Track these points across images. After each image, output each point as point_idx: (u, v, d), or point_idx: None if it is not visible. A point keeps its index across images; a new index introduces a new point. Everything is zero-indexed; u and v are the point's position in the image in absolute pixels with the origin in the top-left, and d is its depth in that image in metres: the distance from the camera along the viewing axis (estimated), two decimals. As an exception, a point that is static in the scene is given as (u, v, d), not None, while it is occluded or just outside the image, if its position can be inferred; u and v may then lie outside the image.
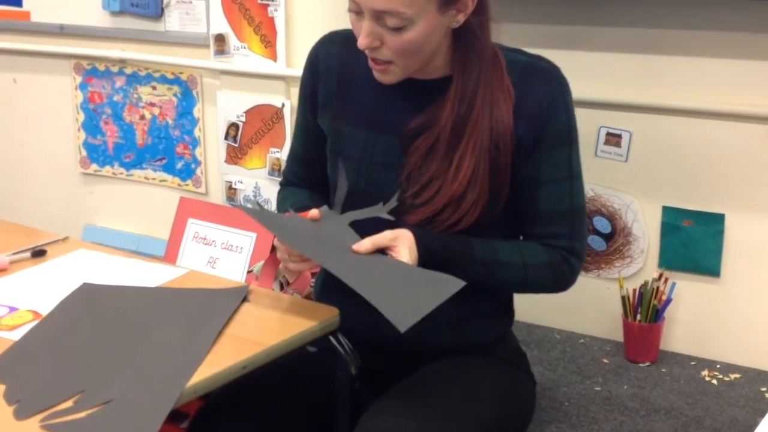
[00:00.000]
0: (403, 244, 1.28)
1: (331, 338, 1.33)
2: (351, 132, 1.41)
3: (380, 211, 1.34)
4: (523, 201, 1.38)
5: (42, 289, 1.39)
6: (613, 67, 1.87)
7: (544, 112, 1.34)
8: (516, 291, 1.48)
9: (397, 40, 1.27)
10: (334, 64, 1.44)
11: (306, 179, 1.55)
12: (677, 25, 1.79)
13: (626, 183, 1.91)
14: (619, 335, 1.91)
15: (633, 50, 1.85)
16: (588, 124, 1.88)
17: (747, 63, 1.75)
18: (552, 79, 1.37)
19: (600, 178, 1.93)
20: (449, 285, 1.22)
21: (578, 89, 1.43)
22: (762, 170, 1.77)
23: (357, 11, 1.28)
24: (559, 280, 1.39)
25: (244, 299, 1.34)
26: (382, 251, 1.28)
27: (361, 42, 1.29)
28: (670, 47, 1.81)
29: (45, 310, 1.31)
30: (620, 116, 1.89)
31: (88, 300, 1.34)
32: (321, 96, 1.45)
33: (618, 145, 1.91)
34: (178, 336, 1.21)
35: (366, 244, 1.27)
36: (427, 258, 1.29)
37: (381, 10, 1.24)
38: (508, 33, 1.41)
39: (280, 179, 1.69)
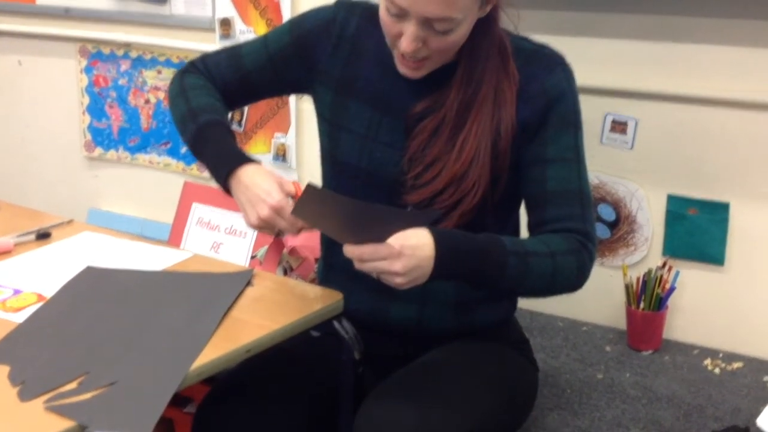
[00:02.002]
0: (398, 259, 1.18)
1: (335, 323, 1.33)
2: (356, 107, 1.40)
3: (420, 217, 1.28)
4: (531, 184, 1.36)
5: (46, 272, 1.39)
6: (619, 54, 1.87)
7: (549, 96, 1.34)
8: (544, 289, 1.32)
9: (442, 41, 1.26)
10: (349, 35, 1.42)
11: (227, 87, 1.47)
12: (683, 12, 1.78)
13: (631, 171, 1.91)
14: (622, 323, 1.91)
15: (639, 37, 1.84)
16: (594, 112, 1.88)
17: (753, 50, 1.74)
18: (557, 66, 1.37)
19: (605, 165, 1.92)
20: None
21: (584, 76, 1.43)
22: (767, 159, 1.76)
23: (398, 15, 1.25)
24: (580, 268, 1.32)
25: (248, 283, 1.34)
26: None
27: (407, 47, 1.26)
28: (676, 34, 1.80)
29: (49, 292, 1.32)
30: (626, 103, 1.88)
31: (92, 283, 1.35)
32: (323, 59, 1.43)
33: (624, 132, 1.90)
34: (182, 319, 1.22)
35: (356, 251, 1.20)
36: (452, 256, 1.22)
37: (435, 17, 1.23)
38: (516, 18, 1.40)
39: (194, 68, 1.50)
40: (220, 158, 1.34)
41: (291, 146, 2.34)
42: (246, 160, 1.33)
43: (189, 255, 1.47)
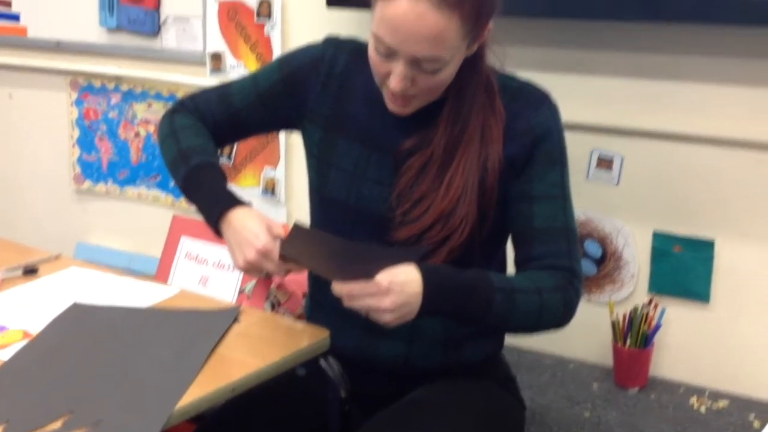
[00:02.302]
0: (387, 295, 1.19)
1: (321, 361, 1.33)
2: (345, 144, 1.41)
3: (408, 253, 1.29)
4: (517, 221, 1.37)
5: (33, 308, 1.39)
6: (606, 91, 1.89)
7: (536, 133, 1.35)
8: (531, 325, 1.33)
9: (430, 80, 1.28)
10: (338, 72, 1.43)
11: (217, 126, 1.48)
12: (669, 51, 1.81)
13: (617, 207, 1.92)
14: (608, 360, 1.92)
15: (625, 75, 1.87)
16: (580, 148, 1.90)
17: (738, 89, 1.77)
18: (542, 103, 1.38)
19: (591, 201, 1.94)
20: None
21: (571, 112, 1.45)
22: (752, 197, 1.78)
23: (387, 54, 1.26)
24: (567, 305, 1.33)
25: (235, 320, 1.34)
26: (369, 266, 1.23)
27: (396, 85, 1.27)
28: (662, 72, 1.83)
29: (36, 329, 1.31)
30: (612, 140, 1.90)
31: (79, 320, 1.34)
32: (312, 96, 1.44)
33: (609, 168, 1.92)
34: (168, 357, 1.21)
35: (344, 288, 1.21)
36: (440, 292, 1.23)
37: (423, 57, 1.24)
38: (502, 55, 1.42)
39: (184, 107, 1.50)
40: (211, 201, 1.35)
41: (280, 180, 2.35)
42: (236, 202, 1.34)
43: (176, 291, 1.47)
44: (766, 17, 1.61)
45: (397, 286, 1.19)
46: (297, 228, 1.16)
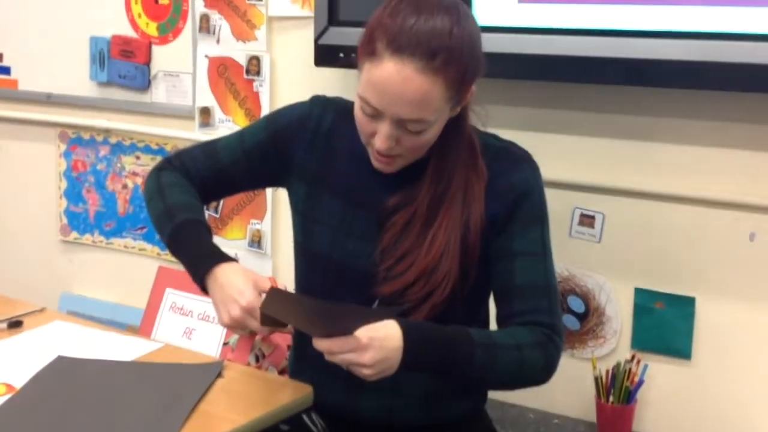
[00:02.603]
0: (366, 351, 1.20)
1: (304, 416, 1.33)
2: (330, 201, 1.43)
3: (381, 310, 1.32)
4: (499, 278, 1.39)
5: (17, 362, 1.39)
6: (588, 150, 1.92)
7: (517, 192, 1.38)
8: (512, 381, 1.35)
9: (414, 140, 1.30)
10: (324, 130, 1.46)
11: (204, 183, 1.50)
12: (649, 113, 1.85)
13: (599, 264, 1.94)
14: (592, 415, 1.92)
15: (607, 136, 1.90)
16: (563, 205, 1.92)
17: (716, 150, 1.80)
18: (523, 162, 1.41)
19: (574, 258, 1.96)
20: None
21: (554, 171, 1.47)
22: (731, 255, 1.81)
23: (373, 115, 1.29)
24: (547, 362, 1.34)
25: (218, 375, 1.34)
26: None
27: (381, 145, 1.29)
28: (642, 134, 1.86)
29: (19, 383, 1.31)
30: (594, 198, 1.93)
31: (63, 374, 1.34)
32: (299, 154, 1.46)
33: (591, 226, 1.94)
34: (150, 412, 1.21)
35: (325, 344, 1.21)
36: (420, 347, 1.24)
37: (409, 119, 1.27)
38: (484, 115, 1.44)
39: (170, 164, 1.51)
40: (197, 257, 1.36)
41: (266, 233, 2.36)
42: (222, 258, 1.35)
43: (160, 345, 1.47)
44: (742, 84, 1.65)
45: (377, 342, 1.20)
46: (273, 291, 1.18)
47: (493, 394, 1.57)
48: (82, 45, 2.53)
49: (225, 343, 2.19)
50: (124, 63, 2.47)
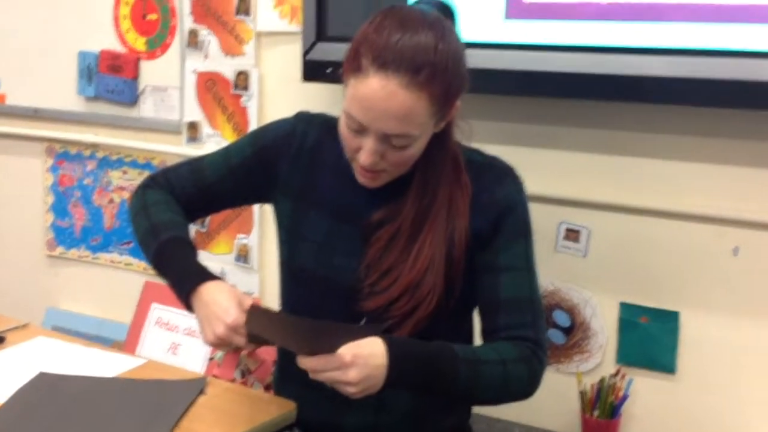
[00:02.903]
0: (350, 369, 1.20)
1: (287, 432, 1.33)
2: (315, 216, 1.44)
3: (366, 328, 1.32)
4: (483, 292, 1.39)
5: (-1, 378, 1.39)
6: (574, 165, 1.93)
7: (501, 206, 1.39)
8: (496, 396, 1.35)
9: (399, 155, 1.31)
10: (309, 147, 1.46)
11: (189, 200, 1.50)
12: (635, 129, 1.86)
13: (585, 278, 1.95)
14: (577, 430, 1.92)
15: (593, 150, 1.91)
16: (548, 220, 1.93)
17: (701, 166, 1.81)
18: (507, 177, 1.42)
19: (560, 272, 1.96)
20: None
21: (540, 186, 1.47)
22: (715, 270, 1.82)
23: (358, 130, 1.29)
24: (532, 376, 1.35)
25: (201, 391, 1.34)
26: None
27: (366, 160, 1.30)
28: (627, 149, 1.87)
29: (1, 399, 1.30)
30: (579, 213, 1.94)
31: (44, 390, 1.34)
32: (284, 170, 1.46)
33: (577, 240, 1.95)
34: (132, 429, 1.21)
35: (310, 362, 1.21)
36: (404, 364, 1.24)
37: (393, 134, 1.27)
38: (469, 130, 1.44)
39: (155, 182, 1.51)
40: (182, 276, 1.36)
41: (253, 247, 2.36)
42: (207, 276, 1.35)
43: (143, 361, 1.47)
44: (725, 100, 1.66)
45: (361, 359, 1.20)
46: (254, 308, 1.19)
47: (479, 409, 1.57)
48: (70, 60, 2.53)
49: (211, 358, 2.19)
50: (112, 78, 2.47)
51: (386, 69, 1.23)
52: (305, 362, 1.21)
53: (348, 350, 1.20)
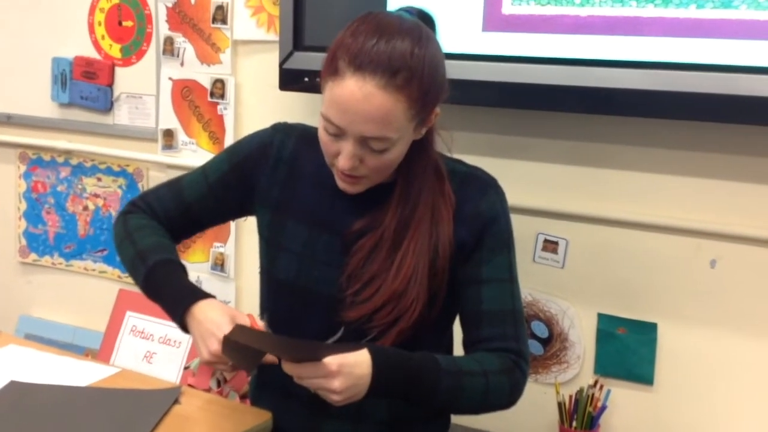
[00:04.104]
0: (336, 378, 1.20)
1: (263, 443, 1.32)
2: (294, 227, 1.43)
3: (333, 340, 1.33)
4: (466, 304, 1.39)
5: (-33, 387, 1.36)
6: (552, 177, 1.93)
7: (485, 217, 1.38)
8: (478, 407, 1.35)
9: (378, 160, 1.30)
10: (286, 157, 1.45)
11: (172, 222, 1.49)
12: (613, 141, 1.87)
13: (563, 289, 1.95)
14: (555, 441, 1.92)
15: (571, 162, 1.92)
16: (526, 231, 1.93)
17: (678, 179, 1.82)
18: (490, 188, 1.42)
19: (538, 283, 1.96)
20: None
21: (518, 197, 1.47)
22: (692, 282, 1.82)
23: (336, 134, 1.29)
24: (513, 387, 1.36)
25: (175, 401, 1.32)
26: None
27: (344, 164, 1.29)
28: (605, 161, 1.88)
29: (-31, 409, 1.28)
30: (557, 224, 1.94)
31: (15, 398, 1.31)
32: (262, 182, 1.45)
33: (555, 251, 1.95)
34: (104, 439, 1.19)
35: (295, 369, 1.21)
36: (388, 374, 1.25)
37: (371, 136, 1.27)
38: (449, 140, 1.44)
39: (136, 207, 1.51)
40: (175, 298, 1.35)
41: (230, 256, 2.34)
42: (200, 296, 1.34)
43: (116, 370, 1.45)
44: (703, 113, 1.68)
45: (347, 368, 1.20)
46: (238, 327, 1.19)
47: (457, 419, 1.57)
48: (44, 66, 2.51)
49: (186, 367, 2.16)
50: (86, 84, 2.45)
51: (363, 71, 1.23)
52: (290, 368, 1.20)
53: (334, 360, 1.19)
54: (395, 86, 1.23)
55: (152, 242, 1.42)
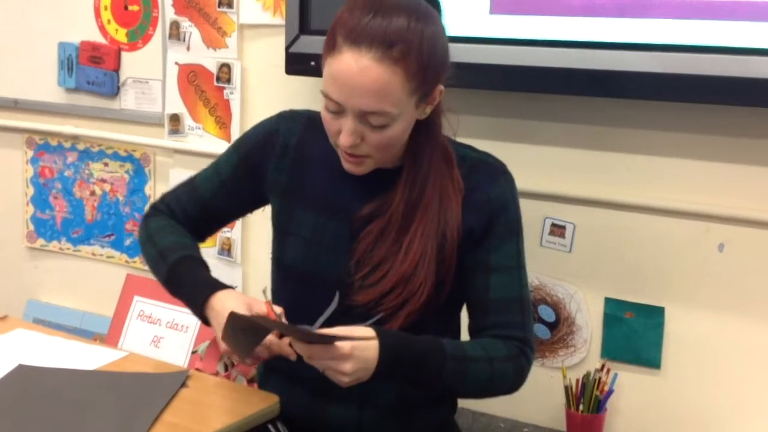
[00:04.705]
0: (348, 360, 1.22)
1: (270, 426, 1.32)
2: (302, 213, 1.43)
3: (332, 309, 1.33)
4: (474, 291, 1.40)
5: (-24, 370, 1.36)
6: (559, 161, 1.93)
7: (494, 205, 1.38)
8: (482, 392, 1.40)
9: (379, 136, 1.29)
10: (293, 143, 1.45)
11: (192, 220, 1.51)
12: (620, 124, 1.86)
13: (570, 273, 1.95)
14: (562, 424, 1.92)
15: (578, 146, 1.91)
16: (533, 215, 1.92)
17: (686, 162, 1.81)
18: (500, 175, 1.42)
19: (545, 267, 1.96)
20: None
21: (525, 181, 1.47)
22: (700, 266, 1.82)
23: (336, 111, 1.29)
24: (517, 374, 1.37)
25: (183, 384, 1.33)
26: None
27: (345, 141, 1.29)
28: (613, 145, 1.87)
29: (-23, 392, 1.29)
30: (565, 208, 1.93)
31: (23, 382, 1.32)
32: (270, 170, 1.46)
33: (562, 236, 1.95)
34: (112, 422, 1.20)
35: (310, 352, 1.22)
36: (395, 356, 1.26)
37: (369, 111, 1.26)
38: (456, 123, 1.44)
39: (156, 210, 1.53)
40: (194, 292, 1.37)
41: (236, 241, 2.34)
42: (218, 287, 1.36)
43: (124, 354, 1.45)
44: (710, 96, 1.66)
45: (358, 351, 1.22)
46: (233, 316, 1.20)
47: (463, 403, 1.57)
48: (50, 51, 2.50)
49: (194, 352, 2.17)
50: (92, 69, 2.45)
51: (359, 45, 1.24)
52: (302, 348, 1.21)
53: (347, 343, 1.21)
54: (391, 59, 1.24)
55: (171, 241, 1.44)
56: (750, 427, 1.82)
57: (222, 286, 1.36)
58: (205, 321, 1.36)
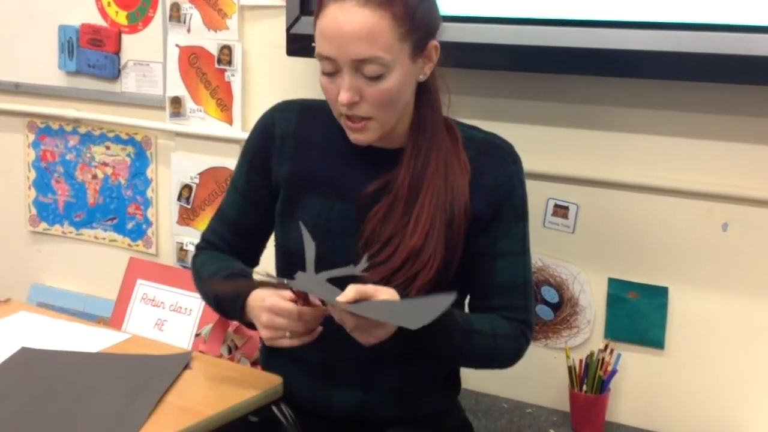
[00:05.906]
0: (384, 293, 1.25)
1: (274, 408, 1.32)
2: (307, 198, 1.42)
3: (352, 270, 1.33)
4: (479, 274, 1.40)
5: (-21, 353, 1.36)
6: (562, 141, 1.92)
7: (502, 188, 1.39)
8: (480, 364, 1.44)
9: (376, 90, 1.29)
10: (291, 131, 1.45)
11: (233, 245, 1.50)
12: (623, 104, 1.85)
13: (573, 254, 1.94)
14: (566, 405, 1.92)
15: (581, 126, 1.90)
16: (537, 196, 1.90)
17: (689, 141, 1.80)
18: (507, 156, 1.41)
19: (548, 248, 1.95)
20: (443, 299, 1.22)
21: (528, 162, 1.47)
22: (703, 246, 1.81)
23: (332, 71, 1.29)
24: (516, 353, 1.42)
25: (186, 366, 1.33)
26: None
27: (343, 97, 1.29)
28: (616, 124, 1.86)
29: (-19, 374, 1.29)
30: (568, 189, 1.93)
31: (26, 365, 1.32)
32: (275, 161, 1.45)
33: (565, 216, 1.94)
34: (115, 404, 1.20)
35: (349, 293, 1.23)
36: None
37: (361, 58, 1.26)
38: (459, 105, 1.44)
39: (198, 249, 1.55)
40: (234, 303, 1.37)
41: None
42: (253, 289, 1.37)
43: (127, 336, 1.45)
44: (714, 75, 1.66)
45: (381, 288, 1.25)
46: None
47: (467, 384, 1.57)
48: (50, 34, 2.49)
49: (197, 334, 2.17)
50: (93, 52, 2.44)
51: None
52: (336, 313, 1.24)
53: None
54: (376, 2, 1.25)
55: (213, 270, 1.44)
56: (754, 406, 1.82)
57: (252, 287, 1.36)
58: (248, 324, 1.39)
